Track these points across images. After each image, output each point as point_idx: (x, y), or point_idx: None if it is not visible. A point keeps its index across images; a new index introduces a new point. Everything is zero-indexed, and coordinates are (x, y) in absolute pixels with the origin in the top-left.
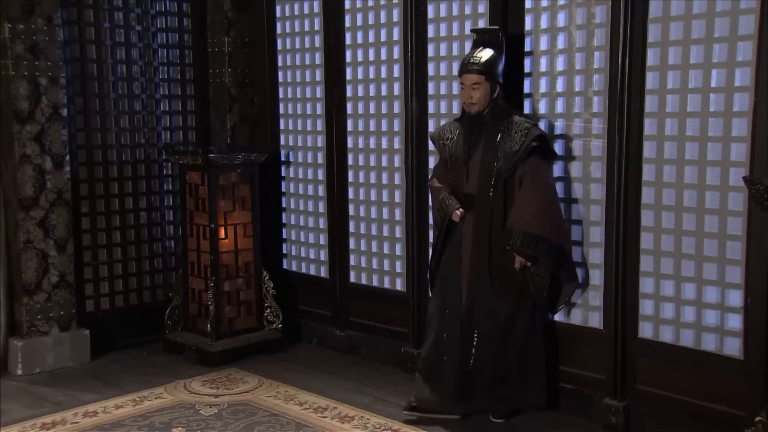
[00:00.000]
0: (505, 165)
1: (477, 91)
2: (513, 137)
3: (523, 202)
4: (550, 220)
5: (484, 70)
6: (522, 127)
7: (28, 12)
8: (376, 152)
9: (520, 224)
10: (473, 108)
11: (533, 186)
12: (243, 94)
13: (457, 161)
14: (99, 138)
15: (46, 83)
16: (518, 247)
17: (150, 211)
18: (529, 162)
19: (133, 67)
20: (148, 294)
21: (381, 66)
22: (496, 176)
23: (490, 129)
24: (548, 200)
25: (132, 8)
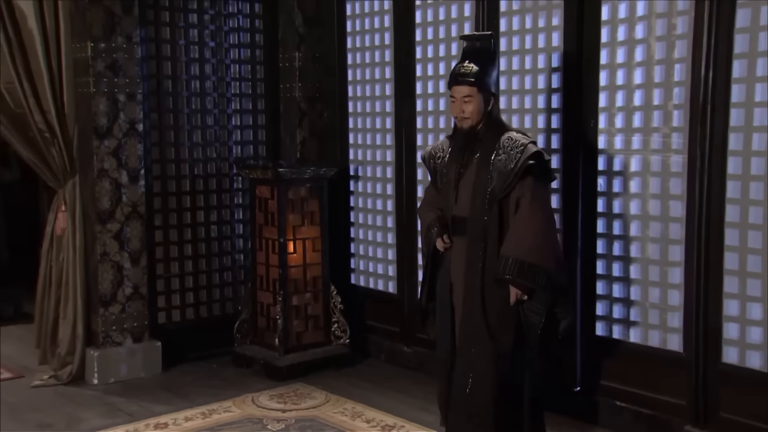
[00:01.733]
0: (500, 185)
1: (469, 105)
2: (509, 154)
3: (520, 227)
4: (550, 248)
5: (476, 80)
6: (518, 143)
7: (110, 31)
8: None
9: (516, 252)
10: (465, 123)
11: (531, 210)
12: (313, 108)
13: (447, 182)
14: (172, 152)
15: (124, 99)
16: (514, 278)
17: (221, 225)
18: (526, 183)
19: (206, 82)
20: (217, 307)
21: None
22: (490, 198)
23: (485, 145)
24: (547, 227)
25: (206, 25)
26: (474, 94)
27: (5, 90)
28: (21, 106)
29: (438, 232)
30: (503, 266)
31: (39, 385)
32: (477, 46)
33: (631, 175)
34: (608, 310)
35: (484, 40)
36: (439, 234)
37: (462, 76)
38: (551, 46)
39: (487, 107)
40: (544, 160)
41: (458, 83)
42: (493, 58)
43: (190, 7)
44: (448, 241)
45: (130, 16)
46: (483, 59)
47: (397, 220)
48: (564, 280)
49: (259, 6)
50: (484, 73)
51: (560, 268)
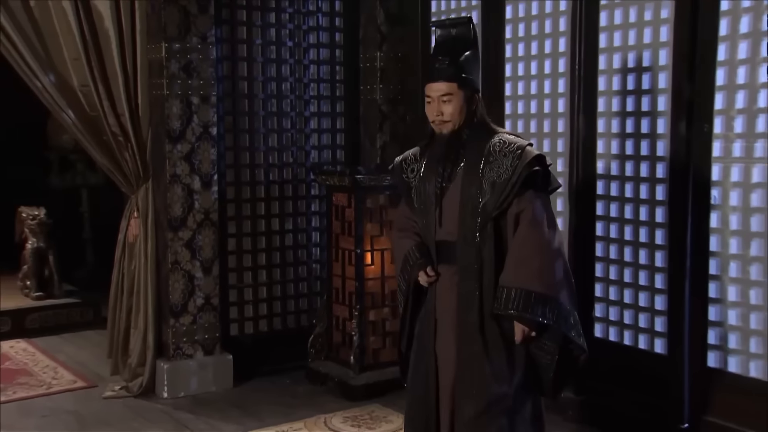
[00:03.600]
0: (494, 199)
1: (448, 105)
2: (501, 162)
3: (522, 249)
4: (559, 273)
5: (455, 75)
6: (513, 146)
7: (185, 31)
8: None
9: (519, 281)
10: (445, 127)
11: (534, 227)
12: (394, 111)
13: (425, 200)
14: (247, 157)
15: (198, 102)
16: (520, 313)
17: (296, 233)
18: (527, 196)
19: (283, 84)
20: (292, 319)
21: (544, 81)
22: (482, 215)
23: (471, 152)
24: (555, 247)
25: (284, 24)
26: (454, 92)
27: (81, 92)
28: (95, 109)
29: (420, 264)
30: (505, 299)
31: (110, 396)
32: (453, 34)
33: (752, 188)
34: (722, 339)
35: (461, 26)
36: (422, 266)
37: (438, 70)
38: (658, 42)
39: (470, 107)
40: (547, 165)
41: (434, 79)
42: (474, 48)
43: (268, 6)
44: (433, 273)
45: (206, 15)
46: (462, 50)
47: None
48: (575, 308)
49: (340, 4)
50: (465, 67)
51: (571, 294)
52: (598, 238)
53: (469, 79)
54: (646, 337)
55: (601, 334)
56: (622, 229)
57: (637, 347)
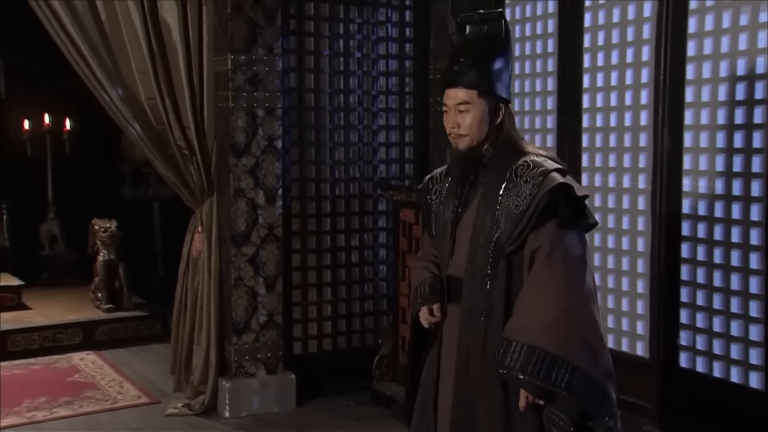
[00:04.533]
0: (508, 232)
1: (466, 115)
2: (521, 189)
3: (532, 295)
4: (578, 328)
5: (476, 80)
6: (536, 171)
7: (251, 42)
8: (616, 192)
9: (524, 333)
10: (462, 141)
11: (551, 270)
12: None
13: (442, 226)
14: (313, 171)
15: (263, 114)
16: (518, 373)
17: (362, 250)
18: (546, 230)
19: (350, 96)
20: (357, 338)
21: (625, 92)
22: (494, 251)
23: (491, 175)
24: (578, 297)
25: (353, 35)
26: (473, 101)
27: (147, 105)
28: (161, 122)
29: (425, 299)
30: (503, 353)
31: (172, 413)
32: (483, 32)
33: None
34: None
35: (492, 22)
36: (426, 301)
37: (456, 74)
38: (755, 48)
39: (494, 120)
40: (576, 196)
41: (450, 84)
42: (503, 49)
43: (337, 16)
44: (438, 314)
45: (272, 27)
46: (489, 50)
47: None
48: (604, 379)
49: (411, 14)
50: (490, 71)
51: (597, 359)
52: (684, 261)
53: (493, 85)
54: (740, 369)
55: (687, 365)
56: (711, 252)
57: (729, 380)
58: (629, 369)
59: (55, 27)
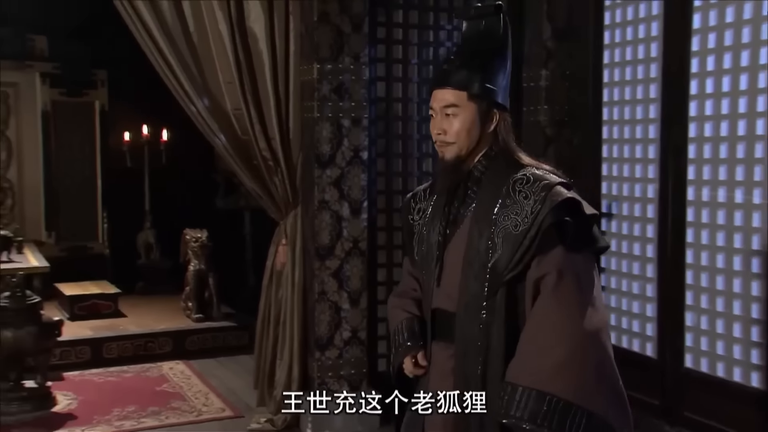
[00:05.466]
0: (506, 257)
1: (453, 120)
2: (521, 206)
3: (540, 331)
4: (594, 371)
5: (466, 81)
6: (537, 186)
7: (337, 51)
8: (727, 207)
9: (531, 376)
10: (448, 151)
11: (559, 302)
12: (560, 134)
13: (427, 250)
14: (400, 183)
15: (349, 125)
16: (526, 422)
17: None
18: (553, 255)
19: None
20: None
21: (738, 99)
22: (491, 279)
23: (485, 191)
24: (590, 333)
25: (443, 42)
26: (462, 104)
27: (233, 116)
28: (247, 132)
29: (405, 349)
30: (508, 400)
31: (255, 429)
32: (481, 28)
33: None
34: None
35: (490, 16)
36: (408, 351)
37: (444, 74)
38: None
39: (486, 126)
40: (586, 214)
41: (438, 85)
42: (500, 47)
43: (426, 23)
44: (424, 362)
45: (359, 35)
46: (483, 48)
47: (659, 268)
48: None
49: None
50: (483, 71)
51: (614, 399)
52: None
53: (485, 87)
54: None
55: None
56: None
57: None
58: (746, 403)
59: (145, 39)
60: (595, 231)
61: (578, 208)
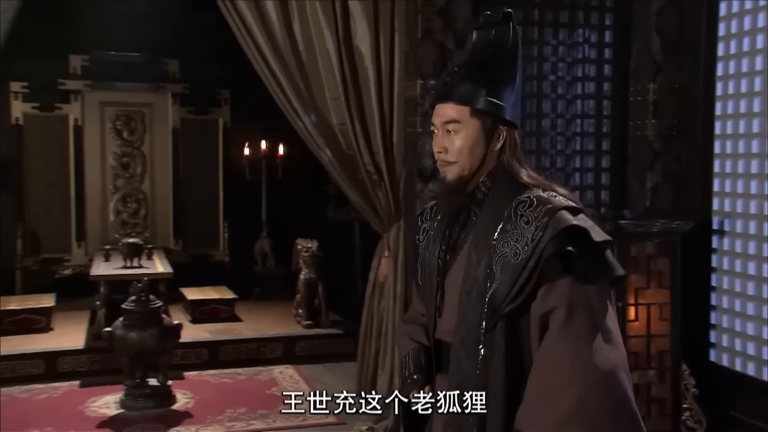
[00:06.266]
0: (505, 288)
1: (455, 138)
2: (521, 231)
3: (548, 375)
4: (606, 414)
5: (470, 95)
6: (539, 211)
7: (440, 67)
8: None
9: (540, 424)
10: (449, 171)
11: (569, 340)
12: (668, 149)
13: (429, 277)
14: None
15: None
16: None
17: None
18: (560, 287)
19: (543, 120)
20: None
21: None
22: (489, 310)
23: (486, 215)
24: (602, 372)
25: (547, 57)
26: (464, 120)
27: (339, 131)
28: (352, 147)
29: (412, 382)
30: None
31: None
32: (490, 38)
33: None
34: None
35: (499, 24)
36: (414, 384)
37: (447, 88)
38: None
39: (491, 145)
40: (595, 242)
41: (440, 99)
42: (509, 59)
43: (530, 38)
44: (429, 393)
45: (463, 51)
46: (490, 60)
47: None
48: None
49: (611, 34)
50: (489, 85)
51: None
52: None
53: (490, 102)
54: None
55: None
56: None
57: None
58: None
59: (258, 59)
60: (609, 258)
61: (585, 235)
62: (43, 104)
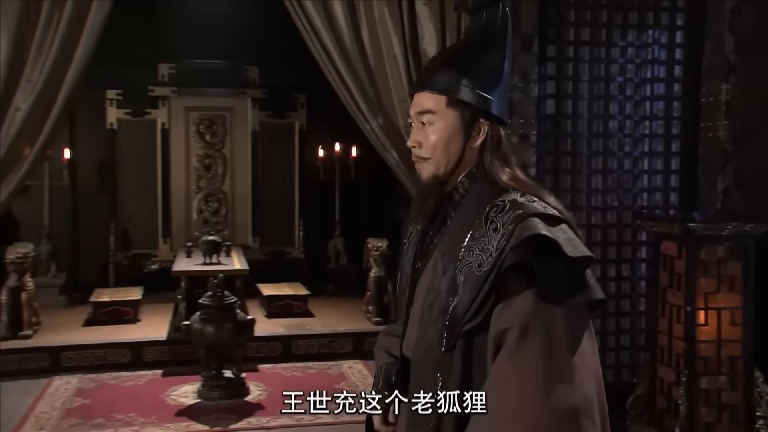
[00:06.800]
0: (465, 303)
1: (430, 131)
2: (488, 240)
3: (492, 404)
4: None
5: (447, 83)
6: (508, 217)
7: None
8: None
9: None
10: (424, 168)
11: (517, 367)
12: (741, 150)
13: (404, 284)
14: (568, 198)
15: (517, 141)
16: None
17: (619, 282)
18: (517, 304)
19: (610, 122)
20: (611, 373)
21: None
22: (449, 327)
23: (458, 220)
24: (555, 416)
25: (615, 59)
26: (440, 111)
27: (405, 133)
28: None
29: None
30: None
31: None
32: (481, 23)
33: None
34: None
35: (489, 7)
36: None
37: (423, 75)
38: None
39: (470, 140)
40: (567, 257)
41: (415, 88)
42: (495, 45)
43: (598, 40)
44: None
45: (529, 54)
46: (473, 46)
47: None
48: None
49: (681, 34)
50: (468, 72)
51: None
52: None
53: (469, 92)
54: None
55: None
56: None
57: None
58: None
59: (327, 65)
60: (587, 278)
61: (554, 247)
62: (134, 110)
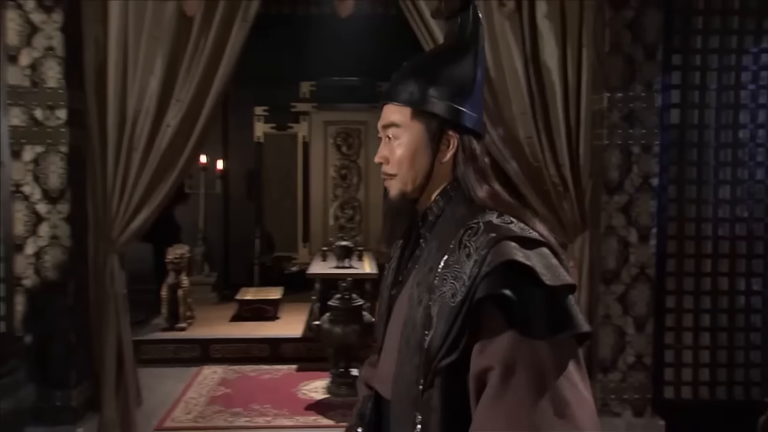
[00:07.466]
0: (440, 337)
1: (395, 145)
2: (462, 267)
3: None
4: None
5: (410, 94)
6: (482, 241)
7: (628, 80)
8: None
9: None
10: (392, 186)
11: (502, 413)
12: None
13: (383, 311)
14: (693, 210)
15: (639, 151)
16: None
17: (749, 296)
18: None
19: (740, 131)
20: (740, 390)
21: None
22: (426, 366)
23: (434, 244)
24: None
25: (747, 67)
26: (405, 124)
27: (525, 144)
28: (538, 159)
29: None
30: None
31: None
32: (455, 30)
33: None
34: None
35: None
36: None
37: (390, 85)
38: None
39: (439, 154)
40: (546, 286)
41: (383, 99)
42: (463, 51)
43: (728, 47)
44: None
45: (652, 63)
46: (443, 54)
47: None
48: None
49: None
50: (434, 81)
51: None
52: None
53: (435, 102)
54: None
55: None
56: None
57: None
58: None
59: None
60: (570, 308)
61: (532, 275)
62: (278, 124)
